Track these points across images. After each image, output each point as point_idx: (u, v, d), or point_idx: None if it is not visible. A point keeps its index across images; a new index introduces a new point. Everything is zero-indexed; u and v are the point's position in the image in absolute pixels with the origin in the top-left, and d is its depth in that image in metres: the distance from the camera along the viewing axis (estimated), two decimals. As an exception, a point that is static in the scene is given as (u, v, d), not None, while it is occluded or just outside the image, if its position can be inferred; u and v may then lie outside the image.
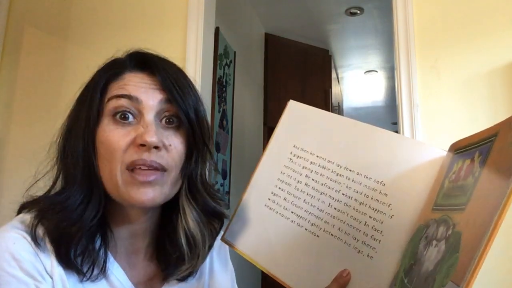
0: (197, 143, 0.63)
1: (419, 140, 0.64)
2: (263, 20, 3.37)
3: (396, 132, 0.74)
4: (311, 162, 0.65)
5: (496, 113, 1.51)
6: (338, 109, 4.35)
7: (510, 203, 0.36)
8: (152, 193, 0.58)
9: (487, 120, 1.51)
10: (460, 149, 0.54)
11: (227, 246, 0.77)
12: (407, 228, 0.57)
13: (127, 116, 0.59)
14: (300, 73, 3.64)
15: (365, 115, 5.73)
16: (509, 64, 1.52)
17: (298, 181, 0.65)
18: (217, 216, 0.68)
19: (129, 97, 0.59)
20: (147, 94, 0.60)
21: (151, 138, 0.57)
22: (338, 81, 4.54)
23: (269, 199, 0.66)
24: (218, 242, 0.74)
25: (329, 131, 0.67)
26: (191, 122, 0.62)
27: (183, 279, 0.66)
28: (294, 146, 0.68)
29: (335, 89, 4.09)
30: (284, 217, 0.64)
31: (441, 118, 1.57)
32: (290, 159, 0.67)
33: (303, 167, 0.66)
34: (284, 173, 0.67)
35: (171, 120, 0.62)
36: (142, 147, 0.57)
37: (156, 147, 0.58)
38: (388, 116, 5.57)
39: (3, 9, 2.06)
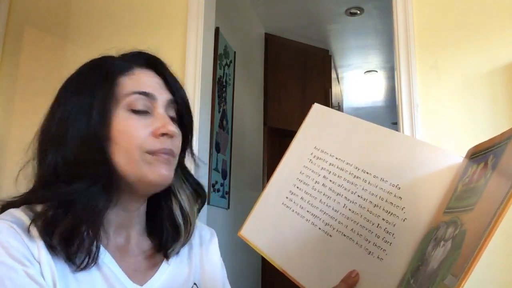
0: (188, 133, 0.72)
1: (437, 146, 0.64)
2: (263, 20, 3.38)
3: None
4: (330, 164, 0.67)
5: (496, 113, 1.51)
6: (338, 109, 4.34)
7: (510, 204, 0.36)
8: (169, 170, 0.66)
9: (487, 120, 1.51)
10: (476, 154, 0.55)
11: (216, 240, 0.81)
12: (418, 232, 0.57)
13: (144, 109, 0.66)
14: (300, 73, 3.64)
15: (365, 115, 5.73)
16: (509, 64, 1.52)
17: (316, 182, 0.66)
18: (201, 193, 0.75)
19: (146, 94, 0.66)
20: (158, 91, 0.68)
21: (173, 128, 0.65)
22: (338, 81, 4.55)
23: (286, 197, 0.68)
24: (208, 235, 0.80)
25: (349, 134, 0.68)
26: (189, 116, 0.72)
27: (178, 252, 0.72)
28: (315, 147, 0.69)
29: (335, 89, 4.09)
30: (299, 215, 0.66)
31: (441, 118, 1.57)
32: (310, 160, 0.69)
33: (322, 168, 0.67)
34: (303, 173, 0.68)
35: (171, 116, 0.69)
36: (162, 136, 0.65)
37: (172, 136, 0.66)
38: (388, 116, 5.57)
39: (3, 9, 2.06)
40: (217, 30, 2.36)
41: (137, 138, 0.63)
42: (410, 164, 0.62)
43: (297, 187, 0.68)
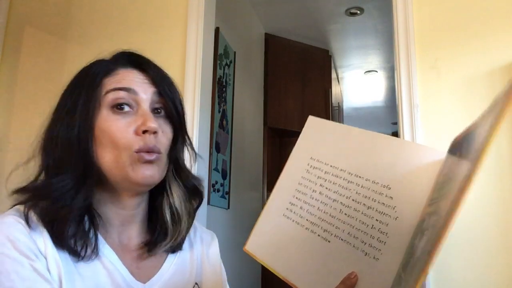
0: (181, 130, 0.72)
1: (420, 144, 0.67)
2: (263, 20, 3.38)
3: (396, 132, 0.77)
4: (325, 172, 0.69)
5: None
6: (338, 109, 4.35)
7: (471, 183, 0.36)
8: (152, 170, 0.65)
9: (487, 120, 1.51)
10: (455, 144, 0.57)
11: (217, 243, 0.82)
12: (410, 228, 0.60)
13: (125, 107, 0.66)
14: (300, 73, 3.64)
15: (365, 115, 5.73)
16: (509, 64, 1.52)
17: (313, 190, 0.69)
18: (197, 192, 0.75)
19: (127, 89, 0.66)
20: (141, 87, 0.68)
21: (153, 124, 0.65)
22: (338, 81, 4.54)
23: (287, 208, 0.70)
24: (209, 238, 0.81)
25: (342, 141, 0.71)
26: (178, 112, 0.71)
27: (174, 252, 0.73)
28: (311, 158, 0.72)
29: (335, 89, 4.09)
30: (299, 225, 0.68)
31: (441, 118, 1.57)
32: (307, 170, 0.71)
33: (318, 177, 0.69)
34: (301, 183, 0.71)
35: (159, 110, 0.69)
36: (144, 134, 0.65)
37: (155, 132, 0.65)
38: (388, 116, 5.57)
39: (3, 9, 2.06)
40: (217, 30, 2.36)
41: (121, 138, 0.64)
42: (397, 164, 0.65)
43: (297, 198, 0.70)
